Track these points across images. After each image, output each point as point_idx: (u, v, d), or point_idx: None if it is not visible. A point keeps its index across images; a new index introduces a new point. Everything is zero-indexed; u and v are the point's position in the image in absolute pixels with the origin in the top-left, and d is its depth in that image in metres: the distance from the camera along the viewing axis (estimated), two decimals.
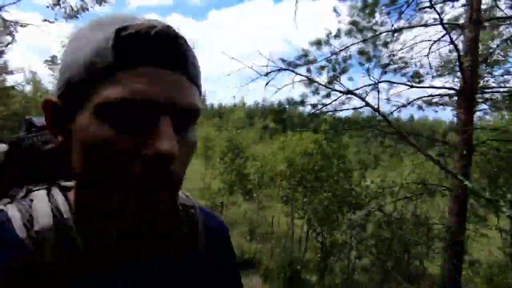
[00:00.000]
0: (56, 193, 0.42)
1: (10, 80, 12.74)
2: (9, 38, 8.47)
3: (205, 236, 0.50)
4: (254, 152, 15.19)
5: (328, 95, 5.15)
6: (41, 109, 0.38)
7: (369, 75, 4.73)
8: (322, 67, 5.21)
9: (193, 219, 0.50)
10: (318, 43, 5.21)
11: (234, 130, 15.91)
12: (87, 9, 6.21)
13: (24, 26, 6.25)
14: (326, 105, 5.13)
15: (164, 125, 0.33)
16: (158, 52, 0.34)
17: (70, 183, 0.45)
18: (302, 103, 5.14)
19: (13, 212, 0.38)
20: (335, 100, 5.11)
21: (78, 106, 0.35)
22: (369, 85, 4.84)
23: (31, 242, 0.36)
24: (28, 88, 17.83)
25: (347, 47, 5.02)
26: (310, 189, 7.40)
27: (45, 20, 5.79)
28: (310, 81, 4.98)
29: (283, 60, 5.06)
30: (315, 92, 5.12)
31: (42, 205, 0.39)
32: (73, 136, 0.36)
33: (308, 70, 5.24)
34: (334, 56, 5.12)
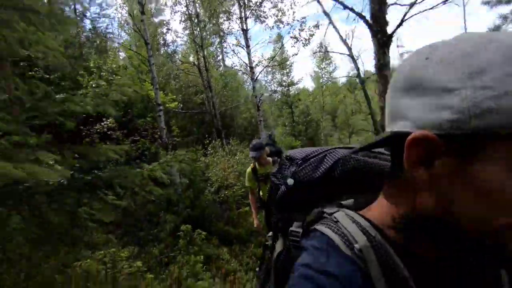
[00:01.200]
0: (351, 213, 0.44)
1: (297, 88, 22.39)
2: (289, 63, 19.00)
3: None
4: None
5: None
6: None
7: None
8: None
9: None
10: None
11: None
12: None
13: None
14: None
15: None
16: None
17: (348, 202, 0.50)
18: None
19: (328, 232, 0.42)
20: None
21: (477, 151, 0.32)
22: None
23: (358, 259, 0.38)
24: (310, 88, 26.74)
25: None
26: None
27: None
28: None
29: None
30: None
31: (349, 225, 0.42)
32: (456, 175, 0.33)
33: None
34: None
